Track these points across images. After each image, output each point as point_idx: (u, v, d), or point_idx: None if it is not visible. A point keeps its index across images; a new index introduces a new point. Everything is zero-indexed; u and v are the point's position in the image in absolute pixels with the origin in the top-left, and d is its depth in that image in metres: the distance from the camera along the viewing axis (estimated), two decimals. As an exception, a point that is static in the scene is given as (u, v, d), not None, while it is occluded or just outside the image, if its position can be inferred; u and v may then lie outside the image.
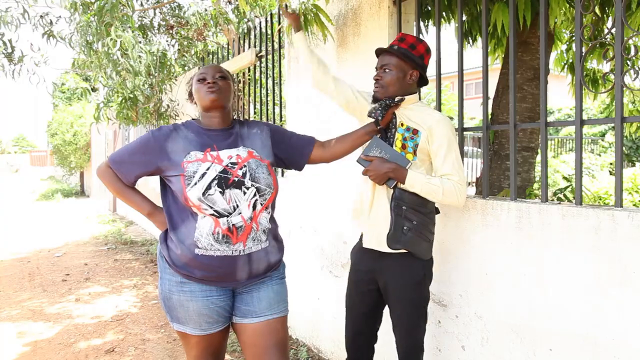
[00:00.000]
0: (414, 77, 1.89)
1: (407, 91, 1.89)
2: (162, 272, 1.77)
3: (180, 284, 1.71)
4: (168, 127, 1.79)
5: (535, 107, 3.36)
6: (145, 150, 1.75)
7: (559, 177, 8.88)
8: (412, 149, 1.84)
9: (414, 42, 1.89)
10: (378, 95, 1.89)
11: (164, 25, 5.00)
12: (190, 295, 1.70)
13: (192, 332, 1.73)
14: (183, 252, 1.69)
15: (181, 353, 3.24)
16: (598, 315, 1.62)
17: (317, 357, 3.09)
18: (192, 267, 1.70)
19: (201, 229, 1.67)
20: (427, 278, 1.92)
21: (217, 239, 1.67)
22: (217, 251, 1.68)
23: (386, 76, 1.87)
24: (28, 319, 3.97)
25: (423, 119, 1.85)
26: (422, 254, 1.87)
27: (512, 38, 2.00)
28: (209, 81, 1.77)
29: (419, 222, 1.83)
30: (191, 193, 1.65)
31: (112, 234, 8.14)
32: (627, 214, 1.54)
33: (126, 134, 10.46)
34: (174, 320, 1.76)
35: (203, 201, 1.65)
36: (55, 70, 13.50)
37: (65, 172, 17.65)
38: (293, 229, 3.37)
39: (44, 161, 32.45)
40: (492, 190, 3.32)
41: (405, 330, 1.92)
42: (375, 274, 1.94)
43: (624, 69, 1.66)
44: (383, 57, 1.91)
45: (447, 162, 1.80)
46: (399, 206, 1.81)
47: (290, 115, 3.45)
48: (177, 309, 1.72)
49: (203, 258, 1.68)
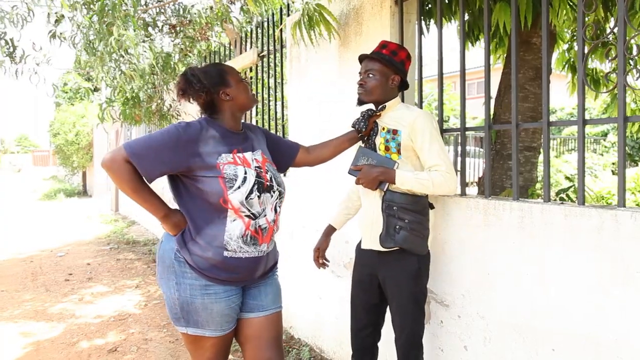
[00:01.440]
0: (396, 81, 2.00)
1: (389, 95, 2.00)
2: (180, 277, 1.69)
3: (204, 287, 1.68)
4: (196, 124, 1.71)
5: (538, 107, 3.36)
6: (175, 148, 1.64)
7: (561, 176, 8.87)
8: (395, 148, 1.94)
9: (395, 49, 2.01)
10: (362, 98, 2.00)
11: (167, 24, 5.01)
12: (215, 297, 1.69)
13: (212, 334, 1.72)
14: (211, 255, 1.67)
15: (183, 352, 3.25)
16: (600, 315, 1.62)
17: (319, 357, 3.09)
18: (220, 270, 1.69)
19: (231, 232, 1.68)
20: (423, 272, 1.99)
21: (246, 241, 1.71)
22: (245, 253, 1.72)
23: (370, 81, 1.97)
24: (31, 318, 3.98)
25: (402, 117, 1.95)
26: (417, 249, 1.94)
27: (514, 37, 2.00)
28: (249, 84, 1.84)
29: (412, 220, 1.91)
30: (233, 196, 1.66)
31: (115, 233, 8.15)
32: (630, 213, 1.53)
33: (128, 133, 10.48)
34: (191, 324, 1.71)
35: (244, 204, 1.68)
36: (57, 70, 13.51)
37: (67, 171, 17.70)
38: (295, 229, 3.37)
39: (47, 161, 32.55)
40: (494, 190, 3.32)
41: (402, 324, 1.96)
42: (375, 270, 2.03)
43: (626, 68, 1.66)
44: (367, 63, 2.01)
45: (433, 153, 1.88)
46: (390, 207, 1.92)
47: (292, 115, 3.45)
48: (200, 313, 1.69)
49: (232, 260, 1.70)
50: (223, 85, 1.76)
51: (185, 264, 1.69)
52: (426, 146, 1.88)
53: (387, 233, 1.91)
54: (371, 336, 2.13)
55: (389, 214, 1.91)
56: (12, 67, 4.44)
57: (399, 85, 2.03)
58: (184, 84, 1.74)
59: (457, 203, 2.13)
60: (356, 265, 2.15)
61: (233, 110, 1.80)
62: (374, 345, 2.14)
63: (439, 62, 2.31)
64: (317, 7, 2.62)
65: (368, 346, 2.13)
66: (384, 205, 1.92)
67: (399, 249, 1.92)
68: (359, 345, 2.13)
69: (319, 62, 3.08)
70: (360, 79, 2.01)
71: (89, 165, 15.76)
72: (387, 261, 1.96)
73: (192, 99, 1.75)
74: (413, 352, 1.97)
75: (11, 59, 4.38)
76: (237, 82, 1.80)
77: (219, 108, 1.79)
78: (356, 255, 2.16)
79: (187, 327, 1.72)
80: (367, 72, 1.99)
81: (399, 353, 1.99)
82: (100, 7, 3.29)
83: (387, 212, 1.92)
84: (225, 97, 1.77)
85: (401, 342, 1.98)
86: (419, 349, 1.98)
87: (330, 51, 2.93)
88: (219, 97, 1.77)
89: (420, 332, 1.99)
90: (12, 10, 3.90)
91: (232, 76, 1.80)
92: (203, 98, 1.75)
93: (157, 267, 1.81)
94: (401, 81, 2.02)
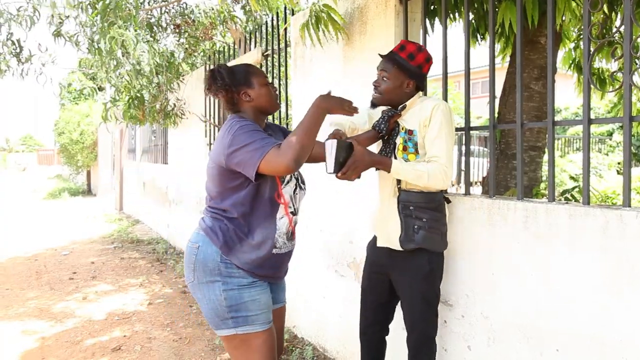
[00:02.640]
0: (411, 86, 1.95)
1: (405, 98, 1.96)
2: (226, 278, 1.72)
3: (250, 284, 1.75)
4: (245, 120, 1.71)
5: (542, 106, 3.34)
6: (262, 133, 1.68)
7: (566, 176, 8.83)
8: (413, 148, 1.91)
9: (413, 51, 1.93)
10: (375, 101, 1.97)
11: (172, 24, 5.02)
12: (260, 289, 1.77)
13: (262, 327, 1.74)
14: (263, 253, 1.75)
15: (187, 351, 3.26)
16: (605, 316, 1.61)
17: (322, 357, 3.09)
18: (266, 267, 1.78)
19: (280, 229, 1.79)
20: (437, 272, 1.96)
21: (288, 237, 1.83)
22: (286, 248, 1.83)
23: (383, 84, 1.95)
24: (35, 316, 4.00)
25: (418, 115, 1.91)
26: (436, 246, 1.93)
27: (519, 37, 1.99)
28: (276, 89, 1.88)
29: (430, 218, 1.90)
30: (285, 190, 1.77)
31: (119, 232, 8.17)
32: (635, 213, 1.53)
33: (132, 133, 10.50)
34: (241, 323, 1.71)
35: (292, 199, 1.80)
36: (62, 69, 13.58)
37: (72, 170, 17.75)
38: (298, 229, 3.36)
39: (51, 160, 32.66)
40: (499, 190, 3.31)
41: (413, 324, 1.96)
42: (387, 268, 2.02)
43: (632, 67, 1.65)
44: (383, 62, 1.97)
45: (435, 145, 1.85)
46: (406, 207, 1.89)
47: (297, 114, 3.45)
48: (249, 307, 1.73)
49: (276, 256, 1.81)
50: (245, 85, 1.81)
51: (232, 265, 1.73)
52: (431, 135, 1.85)
53: (406, 234, 1.88)
54: (379, 333, 2.15)
55: (407, 215, 1.89)
56: (19, 68, 4.47)
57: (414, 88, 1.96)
58: (211, 79, 1.81)
59: (462, 202, 2.12)
60: (367, 263, 2.14)
61: (254, 111, 1.84)
62: (381, 341, 2.16)
63: (444, 61, 2.30)
64: (325, 7, 2.63)
65: (376, 342, 2.15)
66: (400, 207, 1.90)
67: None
68: (366, 342, 2.15)
69: (323, 62, 3.08)
70: (375, 80, 1.97)
71: (93, 164, 15.81)
72: (400, 260, 1.95)
73: (215, 94, 1.82)
74: (424, 351, 1.96)
75: (17, 60, 4.41)
76: (261, 85, 1.83)
77: (240, 107, 1.84)
78: (368, 250, 2.14)
79: (237, 327, 1.71)
80: (381, 72, 1.95)
81: (410, 352, 1.98)
82: (103, 7, 3.29)
83: (404, 212, 1.89)
84: (245, 97, 1.81)
85: (412, 342, 1.98)
86: (430, 349, 1.97)
87: (334, 50, 2.93)
88: (240, 97, 1.81)
89: (432, 333, 1.97)
90: (19, 12, 3.93)
91: (257, 78, 1.83)
92: (224, 95, 1.81)
93: (191, 273, 1.77)
94: (416, 86, 1.96)
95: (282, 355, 3.11)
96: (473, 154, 10.18)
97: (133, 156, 10.53)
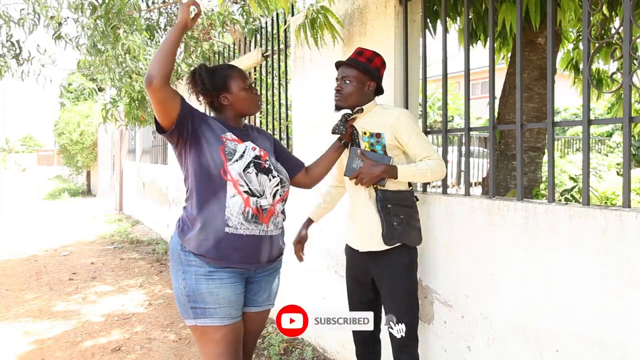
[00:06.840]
0: (372, 87, 2.06)
1: (365, 100, 2.05)
2: (185, 267, 1.75)
3: (208, 273, 1.74)
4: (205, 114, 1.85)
5: (542, 107, 3.34)
6: (193, 110, 1.79)
7: (566, 177, 8.82)
8: (381, 151, 2.00)
9: (371, 56, 2.06)
10: (338, 104, 2.05)
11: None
12: (219, 282, 1.74)
13: (221, 322, 1.74)
14: (211, 234, 1.73)
15: (187, 352, 3.26)
16: (605, 317, 1.61)
17: (322, 357, 3.09)
18: (222, 249, 1.73)
19: (231, 207, 1.75)
20: (415, 265, 2.06)
21: (247, 218, 1.76)
22: (246, 230, 1.76)
23: (346, 87, 2.02)
24: (35, 317, 4.00)
25: (382, 120, 2.02)
26: (415, 241, 2.03)
27: (519, 37, 1.99)
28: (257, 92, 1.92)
29: (406, 215, 2.00)
30: (232, 167, 1.75)
31: (119, 233, 8.17)
32: (635, 214, 1.53)
33: (132, 133, 10.50)
34: (200, 315, 1.73)
35: (242, 177, 1.76)
36: (62, 70, 13.60)
37: (72, 171, 17.76)
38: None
39: (51, 160, 32.67)
40: (499, 191, 3.31)
41: (398, 316, 1.99)
42: (368, 267, 2.08)
43: (632, 68, 1.65)
44: (343, 69, 2.05)
45: (422, 146, 1.97)
46: (385, 206, 1.97)
47: (296, 115, 3.46)
48: (206, 299, 1.73)
49: (233, 237, 1.75)
50: (224, 90, 1.87)
51: (189, 253, 1.75)
52: (413, 140, 1.97)
53: (387, 231, 1.96)
54: (370, 331, 2.16)
55: (386, 213, 1.97)
56: (19, 69, 4.48)
57: (374, 91, 2.08)
58: (192, 83, 1.87)
59: (461, 203, 2.12)
60: (348, 263, 2.21)
61: (233, 114, 1.90)
62: (373, 339, 2.20)
63: (443, 62, 2.31)
64: (322, 9, 2.61)
65: (368, 339, 2.19)
66: (379, 205, 1.97)
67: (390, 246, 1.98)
68: (359, 339, 2.20)
69: (323, 63, 3.08)
70: (337, 85, 2.06)
71: (93, 165, 15.81)
72: (380, 257, 2.01)
73: (197, 97, 1.90)
74: (410, 344, 1.99)
75: (17, 61, 4.42)
76: (240, 89, 1.87)
77: (219, 109, 1.91)
78: (347, 255, 2.21)
79: (196, 318, 1.74)
80: (343, 78, 2.04)
81: (396, 345, 2.01)
82: (106, 10, 3.29)
83: (384, 211, 1.97)
84: (224, 101, 1.88)
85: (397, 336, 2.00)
86: (414, 342, 2.01)
87: (334, 51, 2.93)
88: (219, 100, 1.88)
89: (415, 326, 2.02)
90: (21, 15, 3.93)
91: (236, 82, 1.87)
92: (204, 98, 1.89)
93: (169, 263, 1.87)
94: (377, 87, 2.08)
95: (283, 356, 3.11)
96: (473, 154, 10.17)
97: (133, 156, 10.53)
